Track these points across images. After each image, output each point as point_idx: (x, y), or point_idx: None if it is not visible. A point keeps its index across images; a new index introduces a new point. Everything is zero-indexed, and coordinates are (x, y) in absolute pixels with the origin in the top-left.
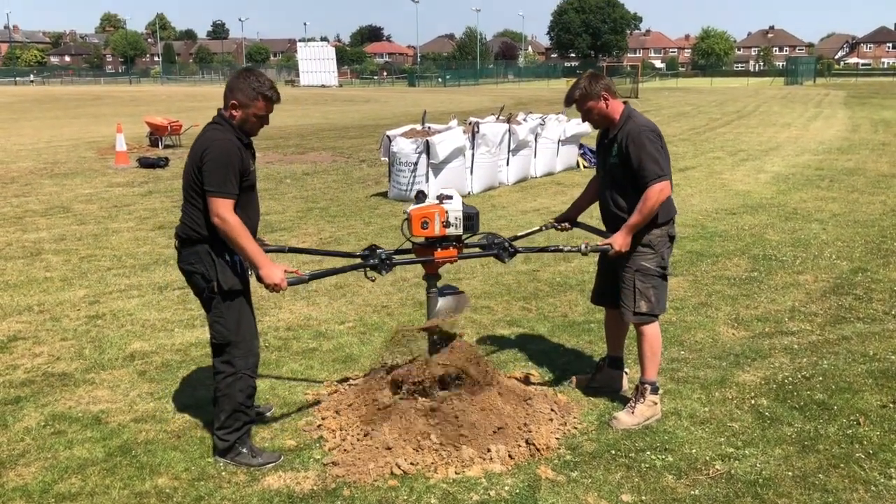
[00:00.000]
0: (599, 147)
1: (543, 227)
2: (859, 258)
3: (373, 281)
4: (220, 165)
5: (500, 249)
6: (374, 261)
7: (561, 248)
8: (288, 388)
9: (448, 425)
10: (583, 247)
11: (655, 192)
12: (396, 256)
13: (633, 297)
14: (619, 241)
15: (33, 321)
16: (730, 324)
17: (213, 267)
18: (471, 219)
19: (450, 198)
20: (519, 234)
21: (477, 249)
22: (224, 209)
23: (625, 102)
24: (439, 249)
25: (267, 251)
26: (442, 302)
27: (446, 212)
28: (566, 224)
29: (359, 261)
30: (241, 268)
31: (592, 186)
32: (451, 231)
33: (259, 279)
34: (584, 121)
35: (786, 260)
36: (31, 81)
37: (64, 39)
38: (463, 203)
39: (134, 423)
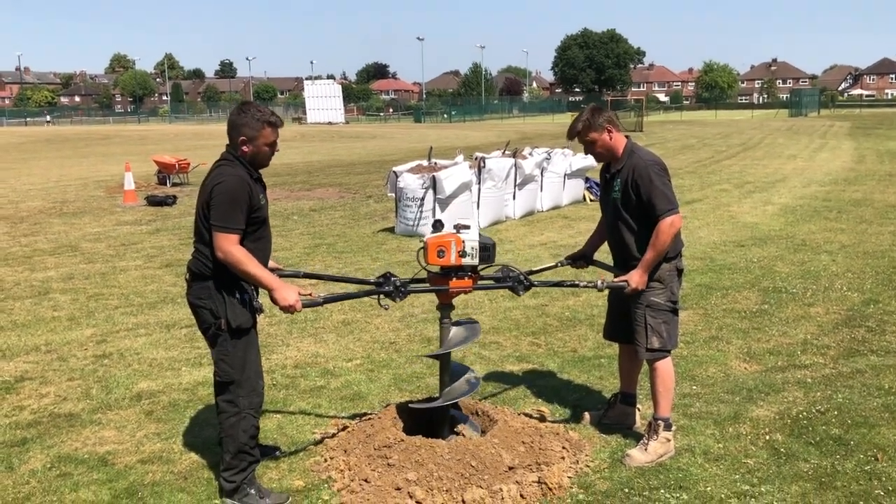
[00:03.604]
0: (602, 182)
1: (559, 264)
2: (870, 290)
3: (386, 309)
4: (226, 201)
5: (516, 282)
6: (389, 288)
7: (577, 282)
8: (296, 427)
9: (458, 464)
10: (599, 283)
11: (667, 226)
12: (411, 285)
13: (644, 333)
14: (636, 278)
15: (40, 361)
16: (742, 358)
17: (223, 303)
18: (487, 250)
19: (467, 227)
20: (534, 269)
21: (492, 281)
22: (227, 244)
23: (627, 136)
24: (454, 279)
25: (282, 276)
26: (454, 331)
27: (463, 241)
28: (581, 262)
29: (373, 287)
30: (251, 306)
31: (603, 223)
32: (466, 261)
33: (273, 301)
34: (586, 153)
35: (796, 292)
36: (48, 122)
37: (74, 80)
38: (480, 234)
39: (140, 464)
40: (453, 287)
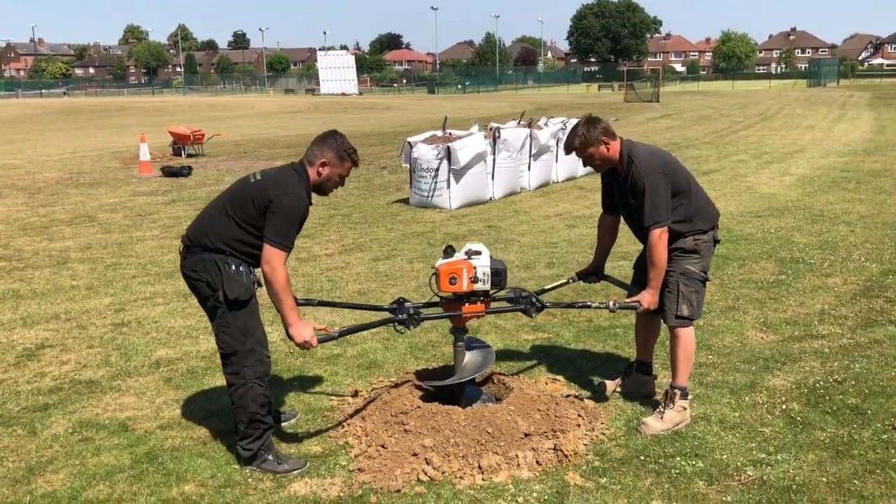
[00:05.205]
0: (609, 184)
1: (570, 281)
2: (889, 260)
3: (402, 333)
4: (289, 219)
5: (528, 304)
6: (403, 315)
7: (589, 303)
8: (313, 394)
9: (475, 431)
10: (611, 304)
11: (655, 239)
12: (425, 311)
13: (676, 299)
14: (648, 298)
15: (60, 329)
16: (758, 327)
17: (219, 275)
18: (498, 274)
19: (478, 253)
20: (546, 287)
21: (504, 303)
22: (278, 261)
23: (619, 138)
24: (467, 304)
25: (296, 304)
26: (469, 356)
27: (474, 267)
28: (593, 278)
29: (388, 315)
30: (248, 278)
31: (604, 228)
32: (478, 286)
33: (289, 336)
34: (585, 165)
35: (814, 263)
36: (65, 93)
37: (88, 51)
38: (491, 258)
39: (160, 429)
40: (466, 312)
